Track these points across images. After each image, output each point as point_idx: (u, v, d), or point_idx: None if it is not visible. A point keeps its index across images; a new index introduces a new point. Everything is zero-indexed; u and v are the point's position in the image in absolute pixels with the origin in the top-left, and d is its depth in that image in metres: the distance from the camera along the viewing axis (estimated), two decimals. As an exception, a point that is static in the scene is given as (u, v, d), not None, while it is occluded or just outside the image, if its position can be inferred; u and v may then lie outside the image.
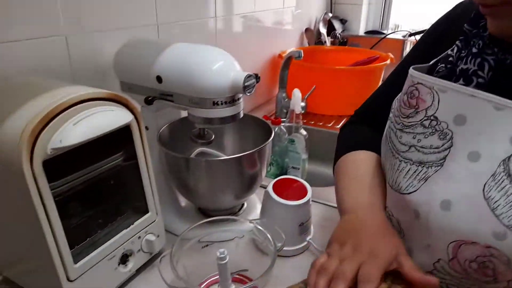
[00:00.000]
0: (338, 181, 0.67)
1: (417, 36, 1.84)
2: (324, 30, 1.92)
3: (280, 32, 1.61)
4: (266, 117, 0.82)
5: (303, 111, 1.10)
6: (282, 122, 1.10)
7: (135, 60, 0.70)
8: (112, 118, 0.54)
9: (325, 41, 1.89)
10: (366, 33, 2.10)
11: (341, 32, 1.99)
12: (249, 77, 0.61)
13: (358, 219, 0.57)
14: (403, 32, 1.96)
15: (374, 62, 1.58)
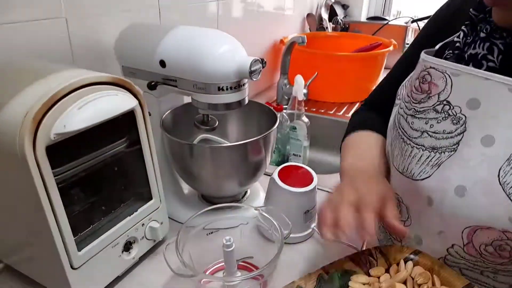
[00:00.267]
0: (342, 155, 0.68)
1: (419, 23, 1.81)
2: (326, 15, 1.89)
3: (281, 18, 1.58)
4: (268, 103, 0.80)
5: (305, 98, 1.09)
6: (284, 109, 1.09)
7: (138, 43, 0.68)
8: (117, 102, 0.52)
9: (326, 27, 1.86)
10: (368, 19, 2.08)
11: (343, 17, 1.96)
12: (255, 61, 0.59)
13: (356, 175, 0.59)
14: (405, 18, 1.93)
15: (376, 48, 1.56)
